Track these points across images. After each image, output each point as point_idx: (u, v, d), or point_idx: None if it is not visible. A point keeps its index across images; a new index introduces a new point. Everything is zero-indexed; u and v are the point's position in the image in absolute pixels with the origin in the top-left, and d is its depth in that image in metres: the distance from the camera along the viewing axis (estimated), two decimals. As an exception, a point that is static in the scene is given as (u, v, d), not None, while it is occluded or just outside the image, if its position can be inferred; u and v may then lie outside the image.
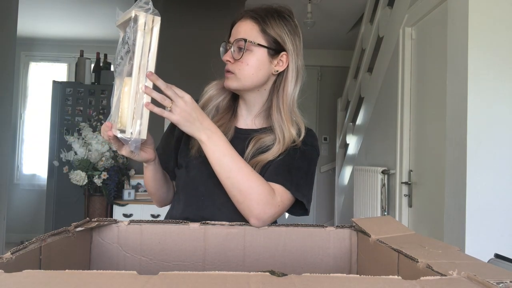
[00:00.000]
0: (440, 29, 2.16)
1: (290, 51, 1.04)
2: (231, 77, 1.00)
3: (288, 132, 0.99)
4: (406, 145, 2.58)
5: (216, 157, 0.88)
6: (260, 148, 0.99)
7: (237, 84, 1.00)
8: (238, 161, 0.89)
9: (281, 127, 0.99)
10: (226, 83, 1.01)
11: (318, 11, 3.78)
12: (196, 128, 0.87)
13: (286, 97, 1.03)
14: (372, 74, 3.31)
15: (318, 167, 5.10)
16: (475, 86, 1.73)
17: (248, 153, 0.98)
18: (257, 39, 0.99)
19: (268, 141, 1.00)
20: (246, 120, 1.08)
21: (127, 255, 0.77)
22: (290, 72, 1.04)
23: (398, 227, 0.74)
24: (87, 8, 3.88)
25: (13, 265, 0.49)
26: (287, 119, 1.00)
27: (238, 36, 0.99)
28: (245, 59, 0.98)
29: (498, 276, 0.42)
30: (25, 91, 4.88)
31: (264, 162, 0.97)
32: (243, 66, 0.98)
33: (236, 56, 0.98)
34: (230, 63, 0.99)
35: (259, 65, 1.00)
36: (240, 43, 0.98)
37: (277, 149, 0.98)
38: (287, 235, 0.80)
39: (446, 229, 1.88)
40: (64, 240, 0.65)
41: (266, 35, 0.99)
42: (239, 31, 1.00)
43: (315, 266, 0.80)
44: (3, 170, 2.74)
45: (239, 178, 0.88)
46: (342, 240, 0.81)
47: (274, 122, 1.01)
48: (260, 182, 0.89)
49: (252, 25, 0.99)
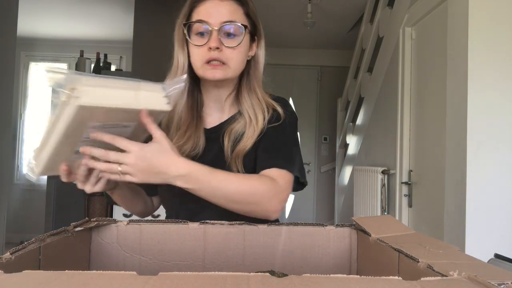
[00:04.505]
0: (440, 29, 2.15)
1: (261, 34, 0.97)
2: (222, 68, 0.88)
3: (260, 111, 0.93)
4: (406, 145, 2.58)
5: (205, 194, 0.79)
6: (236, 138, 0.93)
7: (227, 74, 0.89)
8: (226, 181, 0.79)
9: (252, 108, 0.93)
10: (213, 74, 0.88)
11: (318, 11, 3.78)
12: (166, 178, 0.74)
13: (259, 79, 0.97)
14: (372, 74, 3.31)
15: (318, 167, 5.11)
16: (475, 86, 1.73)
17: (227, 149, 0.92)
18: (245, 23, 0.90)
19: (240, 128, 0.93)
20: (215, 115, 0.98)
21: (127, 255, 0.77)
22: (261, 55, 0.98)
23: (398, 226, 0.74)
24: (87, 8, 3.88)
25: (12, 265, 0.49)
26: (259, 98, 0.94)
27: (224, 18, 0.87)
28: (239, 46, 0.88)
29: (499, 277, 0.42)
30: (25, 91, 4.88)
31: (244, 151, 0.91)
32: (236, 54, 0.88)
33: (229, 43, 0.87)
34: (218, 50, 0.86)
35: (247, 52, 0.93)
36: (233, 27, 0.87)
37: (251, 131, 0.92)
38: (287, 234, 0.80)
39: (446, 229, 1.88)
40: (63, 240, 0.65)
41: (249, 19, 0.92)
42: (222, 12, 0.87)
43: (315, 266, 0.79)
44: (3, 170, 2.74)
45: (238, 196, 0.80)
46: (342, 239, 0.80)
47: (244, 104, 0.94)
48: (256, 182, 0.83)
49: (236, 7, 0.89)
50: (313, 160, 5.14)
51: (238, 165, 0.92)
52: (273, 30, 4.39)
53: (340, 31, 4.40)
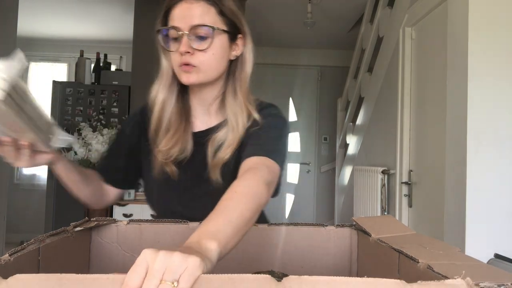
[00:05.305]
0: (440, 29, 2.15)
1: (246, 33, 0.94)
2: (193, 71, 0.87)
3: (241, 116, 0.91)
4: (406, 145, 2.58)
5: (236, 242, 0.60)
6: (218, 147, 0.92)
7: (201, 78, 0.88)
8: (238, 218, 0.62)
9: (235, 113, 0.91)
10: (187, 79, 0.87)
11: (318, 11, 3.77)
12: None
13: (244, 81, 0.94)
14: (372, 74, 3.30)
15: (318, 167, 5.11)
16: (475, 86, 1.73)
17: (209, 157, 0.92)
18: (217, 23, 0.87)
19: (222, 136, 0.92)
20: (202, 118, 0.98)
21: (127, 255, 0.77)
22: (248, 54, 0.95)
23: (398, 226, 0.74)
24: (87, 8, 3.88)
25: (11, 267, 0.49)
26: (243, 103, 0.92)
27: (194, 21, 0.85)
28: (210, 48, 0.86)
29: (500, 278, 0.42)
30: (25, 91, 4.87)
31: (222, 161, 0.90)
32: (208, 57, 0.87)
33: (198, 46, 0.85)
34: (189, 54, 0.85)
35: (223, 53, 0.90)
36: (202, 30, 0.85)
37: (231, 139, 0.91)
38: (287, 235, 0.80)
39: (446, 229, 1.88)
40: (63, 240, 0.65)
41: (224, 17, 0.88)
42: (192, 15, 0.85)
43: (315, 266, 0.79)
44: (3, 170, 2.74)
45: (252, 214, 0.65)
46: (342, 239, 0.80)
47: (228, 108, 0.92)
48: (250, 192, 0.69)
49: (208, 7, 0.86)
50: (313, 160, 5.14)
51: (217, 174, 0.91)
52: (273, 30, 4.39)
53: (340, 31, 4.40)
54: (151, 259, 0.41)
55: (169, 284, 0.39)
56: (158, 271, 0.40)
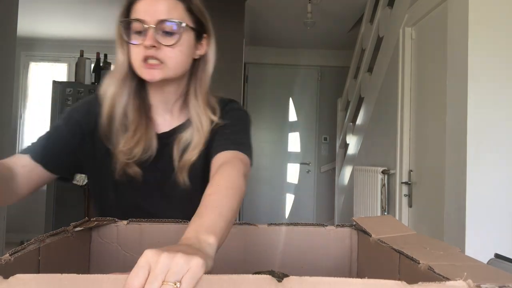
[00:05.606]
0: (440, 29, 2.15)
1: (211, 33, 0.93)
2: (159, 67, 0.84)
3: (205, 116, 0.91)
4: (406, 145, 2.58)
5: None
6: (184, 147, 0.91)
7: (166, 74, 0.86)
8: (227, 211, 0.64)
9: (198, 113, 0.91)
10: (151, 76, 0.85)
11: (318, 11, 3.77)
12: None
13: (205, 81, 0.94)
14: (372, 74, 3.30)
15: (318, 167, 5.11)
16: (475, 86, 1.73)
17: (175, 158, 0.91)
18: (185, 20, 0.86)
19: (189, 136, 0.91)
20: (165, 117, 0.95)
21: (127, 255, 0.77)
22: (211, 55, 0.94)
23: (399, 226, 0.74)
24: (87, 8, 3.88)
25: (11, 267, 0.49)
26: (204, 103, 0.92)
27: (161, 16, 0.83)
28: (177, 45, 0.85)
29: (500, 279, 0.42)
30: (25, 91, 4.87)
31: (189, 162, 0.90)
32: (175, 53, 0.85)
33: (166, 41, 0.83)
34: (154, 48, 0.83)
35: (189, 51, 0.89)
36: (170, 25, 0.83)
37: (197, 139, 0.90)
38: (287, 235, 0.80)
39: (446, 229, 1.88)
40: (63, 240, 0.65)
41: (192, 15, 0.88)
42: (160, 9, 0.83)
43: (315, 266, 0.79)
44: (2, 170, 2.73)
45: (237, 204, 0.67)
46: (343, 239, 0.80)
47: (191, 109, 0.92)
48: (233, 185, 0.70)
49: (175, 3, 0.85)
50: (313, 160, 5.14)
51: (184, 176, 0.91)
52: (273, 30, 4.39)
53: (340, 31, 4.40)
54: (154, 260, 0.41)
55: (172, 285, 0.39)
56: (161, 273, 0.40)
